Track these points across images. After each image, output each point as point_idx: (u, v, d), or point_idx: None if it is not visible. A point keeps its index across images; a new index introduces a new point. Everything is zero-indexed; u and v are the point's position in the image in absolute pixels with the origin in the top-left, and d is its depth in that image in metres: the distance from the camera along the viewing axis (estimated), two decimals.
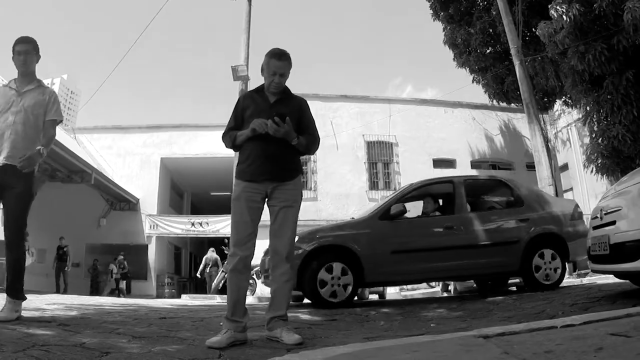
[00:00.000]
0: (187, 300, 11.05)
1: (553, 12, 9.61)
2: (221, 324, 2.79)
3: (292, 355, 1.51)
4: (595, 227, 3.96)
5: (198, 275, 15.57)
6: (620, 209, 3.55)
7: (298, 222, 2.90)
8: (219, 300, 10.34)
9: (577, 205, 6.09)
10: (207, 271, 14.76)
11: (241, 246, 2.72)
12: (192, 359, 2.22)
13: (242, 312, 2.69)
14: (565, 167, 17.38)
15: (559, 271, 5.56)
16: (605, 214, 3.78)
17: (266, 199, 2.84)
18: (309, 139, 2.93)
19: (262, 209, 2.85)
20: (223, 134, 2.99)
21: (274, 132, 2.69)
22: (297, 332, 3.13)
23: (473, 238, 5.50)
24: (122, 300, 7.98)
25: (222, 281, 11.66)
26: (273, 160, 2.78)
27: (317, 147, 3.05)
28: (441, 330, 3.28)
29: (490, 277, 6.84)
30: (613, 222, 3.59)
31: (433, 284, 15.09)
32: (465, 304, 5.02)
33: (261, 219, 2.86)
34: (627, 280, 4.34)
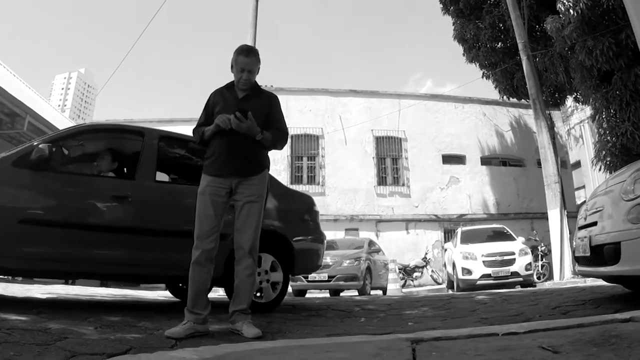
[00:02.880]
0: None
1: (560, 6, 9.41)
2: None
3: (185, 350, 1.54)
4: (580, 227, 3.87)
5: None
6: (602, 209, 3.46)
7: None
8: (220, 293, 10.43)
9: (313, 203, 4.82)
10: None
11: (204, 239, 2.75)
12: (144, 346, 2.28)
13: (203, 305, 2.73)
14: (577, 164, 17.07)
15: (279, 287, 4.10)
16: (589, 214, 3.68)
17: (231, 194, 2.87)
18: (276, 134, 2.96)
19: (228, 203, 2.88)
20: (193, 129, 3.04)
21: (236, 127, 2.74)
22: (269, 326, 3.18)
23: (156, 220, 3.75)
24: (119, 291, 8.12)
25: None
26: (238, 155, 2.82)
27: (286, 142, 3.07)
28: (414, 328, 3.28)
29: (179, 282, 4.77)
30: (595, 223, 3.50)
31: (440, 280, 15.03)
32: (453, 302, 4.99)
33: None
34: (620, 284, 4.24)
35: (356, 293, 10.83)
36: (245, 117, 2.71)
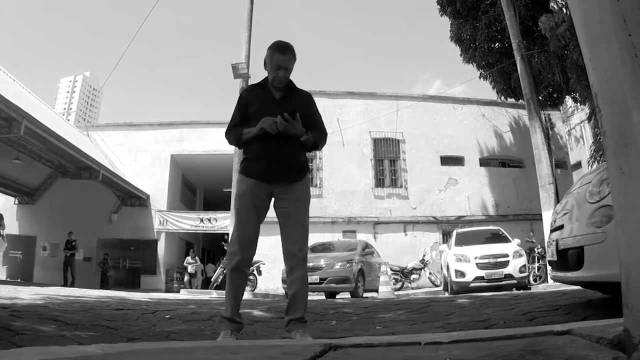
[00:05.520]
0: (184, 294, 11.23)
1: (553, 5, 9.35)
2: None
3: (97, 345, 1.54)
4: (552, 230, 3.80)
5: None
6: (570, 211, 3.39)
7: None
8: (214, 295, 10.47)
9: None
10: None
11: (246, 244, 2.65)
12: (94, 342, 2.31)
13: (239, 313, 2.65)
14: (578, 165, 16.89)
15: None
16: (559, 216, 3.61)
17: (272, 199, 2.76)
18: (317, 135, 2.82)
19: (268, 208, 2.78)
20: (227, 130, 2.86)
21: (283, 129, 2.60)
22: None
23: None
24: (111, 293, 8.16)
25: (221, 277, 11.78)
26: (282, 160, 2.69)
27: (325, 142, 2.93)
28: (377, 332, 3.28)
29: None
30: (562, 227, 3.44)
31: (437, 282, 14.95)
32: (431, 306, 4.95)
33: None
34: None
35: (349, 295, 10.82)
36: (293, 117, 2.59)
